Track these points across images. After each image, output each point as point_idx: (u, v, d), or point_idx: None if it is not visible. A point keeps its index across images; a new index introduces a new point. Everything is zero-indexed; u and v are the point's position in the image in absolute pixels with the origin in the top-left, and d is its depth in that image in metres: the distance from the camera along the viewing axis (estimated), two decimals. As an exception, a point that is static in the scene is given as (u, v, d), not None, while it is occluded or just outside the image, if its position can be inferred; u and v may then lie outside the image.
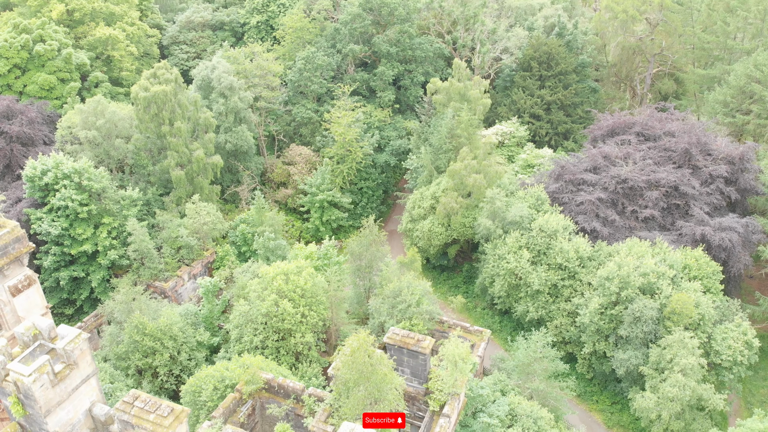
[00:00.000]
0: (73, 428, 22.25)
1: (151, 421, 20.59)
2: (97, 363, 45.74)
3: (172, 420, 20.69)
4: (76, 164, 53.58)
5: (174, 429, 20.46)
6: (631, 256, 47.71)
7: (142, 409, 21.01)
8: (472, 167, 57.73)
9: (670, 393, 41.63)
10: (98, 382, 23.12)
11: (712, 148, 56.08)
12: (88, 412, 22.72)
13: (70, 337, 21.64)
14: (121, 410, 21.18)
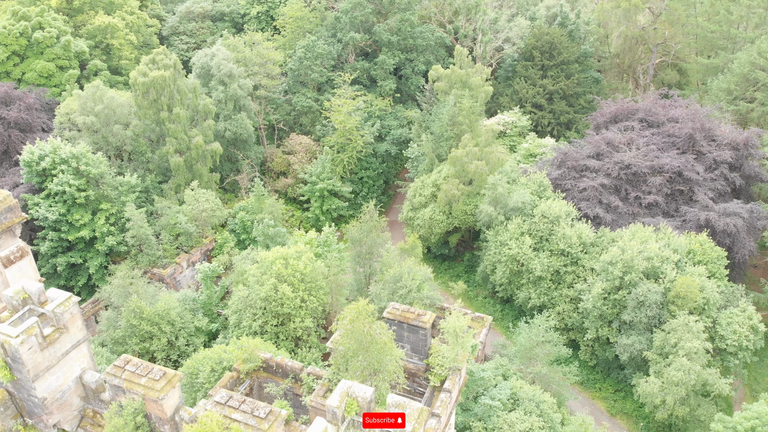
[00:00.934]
0: (62, 395, 21.68)
1: (143, 384, 20.01)
2: (94, 348, 45.19)
3: (164, 384, 20.11)
4: (73, 149, 53.06)
5: (166, 393, 19.88)
6: (635, 241, 47.08)
7: (133, 373, 20.43)
8: (473, 154, 57.15)
9: (675, 377, 40.95)
10: (89, 349, 22.57)
11: (716, 134, 55.46)
12: (78, 379, 22.15)
13: (59, 299, 21.08)
14: (111, 374, 20.61)
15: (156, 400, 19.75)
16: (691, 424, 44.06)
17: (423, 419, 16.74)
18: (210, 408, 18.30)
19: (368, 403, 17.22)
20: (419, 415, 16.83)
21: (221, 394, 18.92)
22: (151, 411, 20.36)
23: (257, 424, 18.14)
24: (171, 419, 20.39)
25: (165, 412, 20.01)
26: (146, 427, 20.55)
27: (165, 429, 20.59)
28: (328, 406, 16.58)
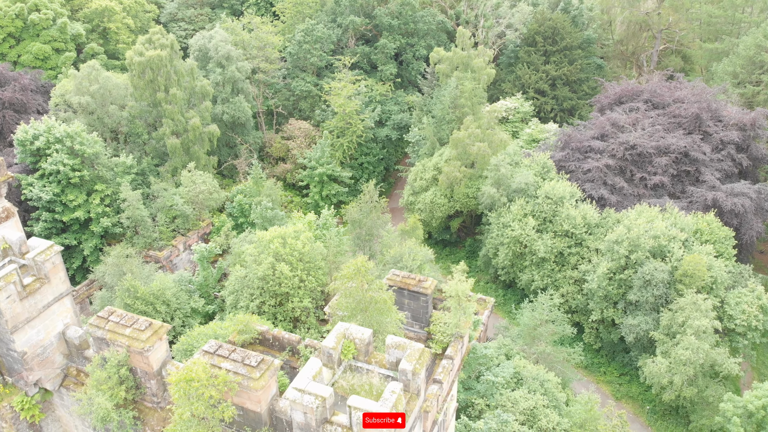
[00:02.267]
0: (44, 350, 20.62)
1: (127, 335, 18.94)
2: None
3: (150, 334, 19.03)
4: (68, 128, 52.10)
5: (152, 344, 18.80)
6: (642, 220, 45.99)
7: (117, 323, 19.35)
8: (476, 136, 56.12)
9: (683, 356, 39.81)
10: (73, 304, 21.54)
11: (722, 114, 54.40)
12: (61, 335, 21.10)
13: (41, 248, 20.04)
14: (95, 326, 19.53)
15: (141, 352, 18.69)
16: (699, 406, 42.88)
17: (424, 360, 15.70)
18: (198, 357, 17.27)
19: (366, 345, 16.18)
20: (420, 356, 15.78)
21: (210, 343, 17.89)
22: (137, 365, 19.30)
23: (248, 373, 17.08)
24: (157, 374, 19.33)
25: (151, 365, 18.96)
26: (131, 381, 19.49)
27: (151, 384, 19.52)
28: (324, 347, 15.53)
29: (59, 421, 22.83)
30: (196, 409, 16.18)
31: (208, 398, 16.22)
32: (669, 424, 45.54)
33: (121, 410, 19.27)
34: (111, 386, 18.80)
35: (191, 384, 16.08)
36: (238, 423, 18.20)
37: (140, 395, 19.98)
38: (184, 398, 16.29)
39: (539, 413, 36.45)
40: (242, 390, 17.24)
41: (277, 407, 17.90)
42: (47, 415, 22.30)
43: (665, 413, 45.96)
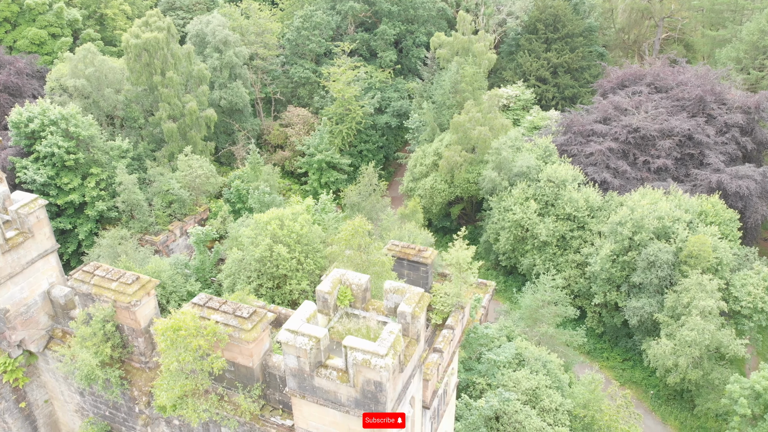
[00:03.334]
0: (28, 309, 19.81)
1: (113, 289, 18.13)
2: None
3: (137, 288, 18.22)
4: (63, 110, 51.34)
5: (139, 298, 17.98)
6: (646, 201, 45.20)
7: (103, 278, 18.55)
8: (476, 120, 55.31)
9: (688, 337, 38.99)
10: (58, 263, 20.75)
11: (726, 97, 53.62)
12: (46, 294, 20.28)
13: (24, 201, 19.25)
14: (79, 280, 18.72)
15: (128, 307, 17.88)
16: (704, 389, 42.02)
17: (424, 303, 14.90)
18: (187, 308, 16.46)
19: (363, 291, 15.38)
20: (420, 299, 14.98)
21: (200, 296, 17.09)
22: (123, 321, 18.48)
23: (240, 324, 16.28)
24: (145, 331, 18.51)
25: (138, 321, 18.13)
26: (117, 338, 18.67)
27: (139, 342, 18.72)
28: (319, 292, 14.72)
29: (45, 387, 22.02)
30: (184, 360, 15.37)
31: (196, 348, 15.42)
32: (673, 408, 44.71)
33: (106, 368, 18.47)
34: (96, 343, 17.99)
35: (178, 333, 15.28)
36: (229, 380, 17.40)
37: (127, 354, 19.19)
38: (171, 348, 15.49)
39: (542, 393, 35.62)
40: (233, 343, 16.44)
41: (270, 362, 17.10)
42: (32, 381, 21.49)
43: (669, 398, 45.13)
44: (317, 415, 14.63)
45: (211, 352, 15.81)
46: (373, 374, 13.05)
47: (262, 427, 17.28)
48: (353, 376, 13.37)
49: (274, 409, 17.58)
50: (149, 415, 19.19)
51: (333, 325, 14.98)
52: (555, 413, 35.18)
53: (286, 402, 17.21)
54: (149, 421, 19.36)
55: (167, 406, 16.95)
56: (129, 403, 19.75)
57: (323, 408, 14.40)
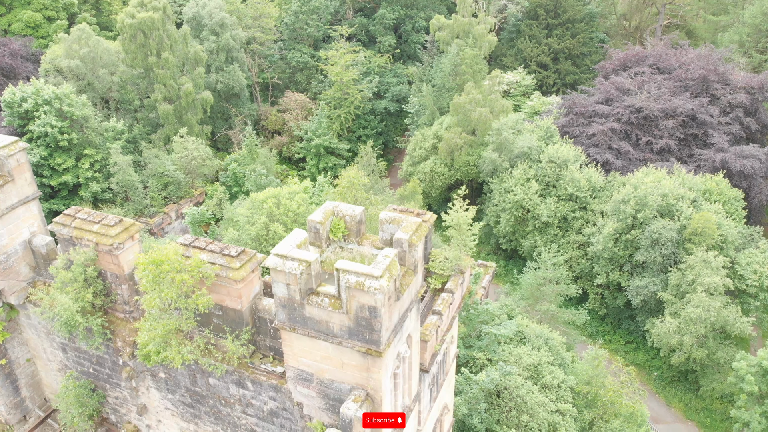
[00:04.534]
0: (8, 259, 18.93)
1: (95, 231, 17.24)
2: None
3: (120, 231, 17.34)
4: (57, 90, 50.53)
5: (121, 240, 17.10)
6: (650, 178, 44.37)
7: (84, 220, 17.66)
8: (477, 101, 54.47)
9: (693, 314, 38.08)
10: (41, 212, 19.88)
11: (729, 78, 52.80)
12: (27, 243, 19.39)
13: (3, 143, 18.39)
14: (60, 223, 17.83)
15: (110, 251, 17.00)
16: (709, 369, 41.11)
17: (421, 232, 14.03)
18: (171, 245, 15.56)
19: (358, 223, 14.49)
20: (417, 228, 14.10)
21: (185, 236, 16.19)
22: (106, 267, 17.59)
23: (227, 263, 15.40)
24: (129, 278, 17.63)
25: (121, 266, 17.25)
26: (100, 285, 17.77)
27: (122, 290, 17.83)
28: (310, 222, 13.79)
29: (27, 345, 21.12)
30: (167, 296, 14.48)
31: (180, 284, 14.54)
32: (677, 390, 43.78)
33: (88, 316, 17.58)
34: (76, 289, 17.11)
35: (161, 268, 14.40)
36: (216, 325, 16.52)
37: (110, 303, 18.30)
38: (153, 284, 14.61)
39: (544, 370, 34.68)
40: (220, 284, 15.56)
41: (260, 306, 16.21)
42: (13, 337, 20.59)
43: (673, 380, 44.21)
44: (308, 349, 13.74)
45: (196, 289, 14.94)
46: (367, 298, 12.17)
47: (251, 374, 16.40)
48: (346, 302, 12.48)
49: (264, 357, 16.71)
50: (134, 368, 18.31)
51: (325, 258, 14.12)
52: (557, 390, 34.24)
53: (278, 348, 16.34)
54: (134, 374, 18.46)
55: (151, 352, 16.06)
56: (113, 356, 18.86)
57: (314, 341, 13.52)
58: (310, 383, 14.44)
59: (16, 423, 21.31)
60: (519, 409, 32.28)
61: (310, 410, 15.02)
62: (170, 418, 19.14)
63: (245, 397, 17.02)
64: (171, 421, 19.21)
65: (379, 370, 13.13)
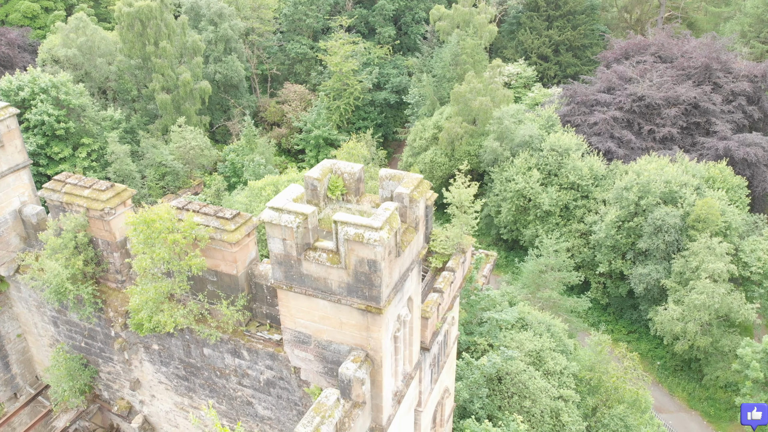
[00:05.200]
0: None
1: (86, 196, 16.73)
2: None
3: (111, 196, 16.83)
4: (53, 78, 50.05)
5: (113, 206, 16.58)
6: (653, 165, 43.87)
7: (75, 185, 17.16)
8: (477, 90, 53.97)
9: (697, 300, 37.54)
10: (31, 181, 19.38)
11: (732, 66, 52.31)
12: (17, 213, 18.88)
13: (-8, 106, 17.89)
14: (50, 189, 17.33)
15: (102, 216, 16.47)
16: (713, 357, 40.56)
17: (423, 188, 13.51)
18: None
19: (356, 181, 13.99)
20: (419, 183, 13.58)
21: (179, 199, 15.68)
22: (97, 234, 17.07)
23: (222, 225, 14.89)
24: (121, 245, 17.11)
25: (113, 233, 16.72)
26: (91, 252, 17.24)
27: (114, 258, 17.31)
28: (307, 178, 13.28)
29: (17, 319, 20.59)
30: (158, 257, 13.96)
31: (172, 244, 14.01)
32: (681, 380, 43.23)
33: (78, 284, 17.06)
34: (67, 256, 16.59)
35: (153, 227, 13.87)
36: (210, 291, 15.99)
37: (102, 273, 17.78)
38: (144, 245, 14.09)
39: (546, 356, 34.16)
40: (215, 248, 15.05)
41: (256, 271, 15.70)
42: (3, 312, 20.07)
43: (676, 369, 43.67)
44: (306, 309, 13.22)
45: (189, 250, 14.42)
46: (366, 251, 11.64)
47: (247, 342, 15.87)
48: (345, 256, 11.94)
49: (261, 325, 16.19)
50: (126, 339, 17.77)
51: (323, 217, 13.60)
52: (560, 376, 33.71)
53: (275, 316, 15.82)
54: (126, 346, 17.93)
55: (143, 320, 15.53)
56: (105, 328, 18.34)
57: (312, 300, 12.99)
58: (307, 346, 13.93)
59: (7, 400, 20.79)
60: (521, 394, 31.74)
61: (308, 375, 14.50)
62: (164, 392, 18.61)
63: (241, 367, 16.51)
64: (165, 396, 18.68)
65: (379, 329, 12.63)
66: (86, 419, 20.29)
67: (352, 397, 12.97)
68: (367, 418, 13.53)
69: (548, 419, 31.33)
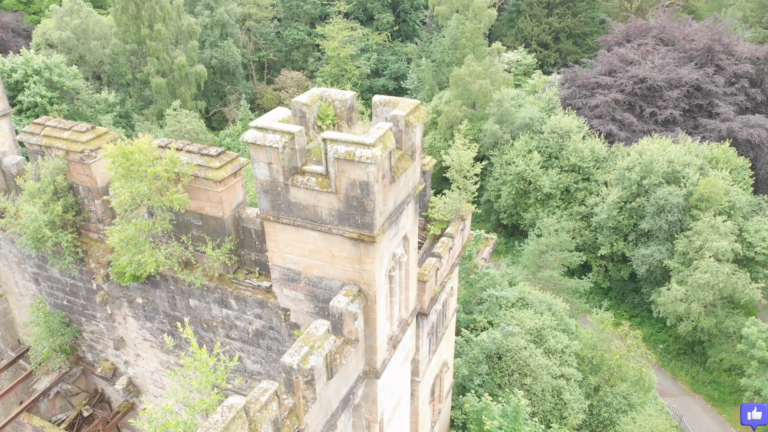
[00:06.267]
0: (-26, 176, 17.60)
1: (65, 138, 15.92)
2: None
3: (92, 137, 16.02)
4: (47, 59, 49.31)
5: (93, 148, 15.76)
6: (656, 145, 43.12)
7: (54, 128, 16.34)
8: (477, 73, 53.25)
9: (702, 280, 36.71)
10: (12, 130, 18.57)
11: (735, 49, 51.58)
12: (-4, 163, 18.10)
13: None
14: (29, 132, 16.51)
15: (81, 159, 15.64)
16: (717, 339, 39.72)
17: (420, 114, 12.68)
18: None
19: (348, 110, 13.16)
20: (415, 108, 12.76)
21: (161, 139, 14.88)
22: (78, 180, 16.22)
23: (207, 162, 14.08)
24: (103, 191, 16.29)
25: (94, 178, 15.90)
26: (71, 198, 16.38)
27: (96, 206, 16.48)
28: (295, 103, 12.43)
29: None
30: (138, 191, 13.14)
31: (152, 177, 13.20)
32: (684, 363, 42.38)
33: (58, 231, 16.22)
34: (45, 201, 15.77)
35: (132, 158, 13.06)
36: (195, 237, 15.16)
37: (83, 222, 16.93)
38: (124, 179, 13.28)
39: (547, 334, 33.32)
40: (200, 187, 14.22)
41: (243, 215, 14.87)
42: (-17, 268, 19.26)
43: (679, 352, 42.82)
44: (295, 243, 12.38)
45: (171, 186, 13.61)
46: (358, 171, 10.81)
47: (234, 290, 15.05)
48: (335, 178, 11.10)
49: (250, 273, 15.37)
50: (108, 292, 16.95)
51: (312, 147, 12.77)
52: (561, 354, 32.87)
53: (263, 263, 14.99)
54: (109, 300, 17.10)
55: (125, 266, 14.69)
56: (86, 283, 17.50)
57: (301, 232, 12.15)
58: (297, 284, 13.11)
59: (-13, 364, 19.96)
60: (521, 372, 30.89)
61: (298, 317, 13.69)
62: (149, 350, 17.78)
63: (228, 318, 15.68)
64: (150, 354, 17.85)
65: (373, 260, 11.81)
66: (69, 382, 19.45)
67: (344, 333, 12.15)
68: (360, 359, 12.72)
69: (549, 398, 30.50)
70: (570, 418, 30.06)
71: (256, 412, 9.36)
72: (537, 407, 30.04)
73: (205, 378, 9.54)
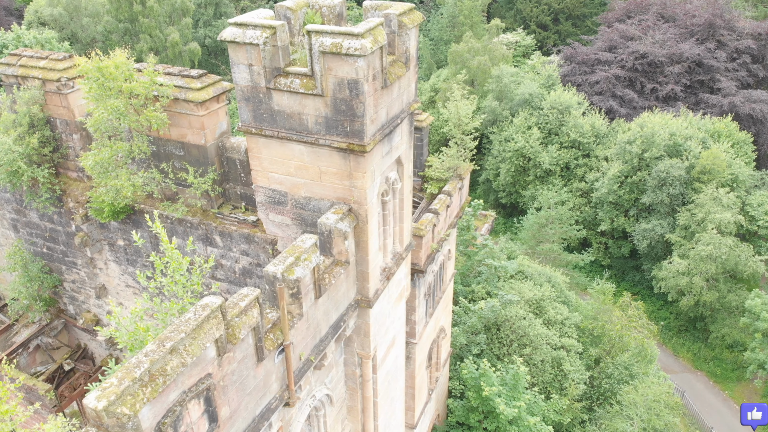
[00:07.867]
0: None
1: (41, 67, 15.07)
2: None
3: (68, 66, 15.17)
4: (38, 35, 48.34)
5: (70, 75, 14.92)
6: (656, 119, 42.37)
7: (31, 57, 15.51)
8: (476, 50, 52.45)
9: (704, 252, 35.96)
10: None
11: (736, 24, 50.84)
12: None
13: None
14: (5, 64, 15.65)
15: (59, 90, 14.78)
16: (719, 314, 39.00)
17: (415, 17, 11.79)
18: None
19: (337, 17, 12.28)
20: (410, 11, 11.92)
21: (141, 63, 14.04)
22: (55, 113, 15.38)
23: (187, 84, 13.26)
24: (81, 126, 15.44)
25: (72, 110, 15.05)
26: (48, 131, 15.53)
27: (74, 140, 15.64)
28: (278, 7, 11.55)
29: (-24, 228, 18.92)
30: (114, 107, 12.31)
31: (129, 93, 12.39)
32: (685, 340, 41.67)
33: (34, 166, 15.39)
34: (21, 133, 14.92)
35: (107, 73, 12.23)
36: (176, 168, 14.34)
37: (61, 159, 16.10)
38: (99, 96, 12.46)
39: (547, 305, 32.59)
40: (181, 112, 13.41)
41: (227, 144, 14.06)
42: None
43: (681, 329, 42.10)
44: (280, 159, 11.53)
45: (149, 105, 12.79)
46: (346, 68, 9.95)
47: (219, 225, 14.24)
48: (321, 77, 10.23)
49: (235, 207, 14.55)
50: (88, 233, 16.11)
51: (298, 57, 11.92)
52: (561, 326, 32.14)
53: (249, 196, 14.18)
54: (88, 241, 16.27)
55: (102, 198, 13.87)
56: (66, 226, 16.66)
57: (286, 146, 11.29)
58: (283, 207, 12.27)
59: (-35, 319, 19.12)
60: (520, 342, 30.13)
61: (285, 244, 12.87)
62: (132, 297, 16.97)
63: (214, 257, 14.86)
64: (133, 302, 17.05)
65: (364, 175, 10.98)
66: (50, 336, 18.64)
67: (333, 254, 11.35)
68: (351, 286, 11.91)
69: (549, 368, 29.74)
70: (570, 389, 29.33)
71: (234, 316, 8.56)
72: (537, 378, 29.29)
73: (177, 279, 8.74)
